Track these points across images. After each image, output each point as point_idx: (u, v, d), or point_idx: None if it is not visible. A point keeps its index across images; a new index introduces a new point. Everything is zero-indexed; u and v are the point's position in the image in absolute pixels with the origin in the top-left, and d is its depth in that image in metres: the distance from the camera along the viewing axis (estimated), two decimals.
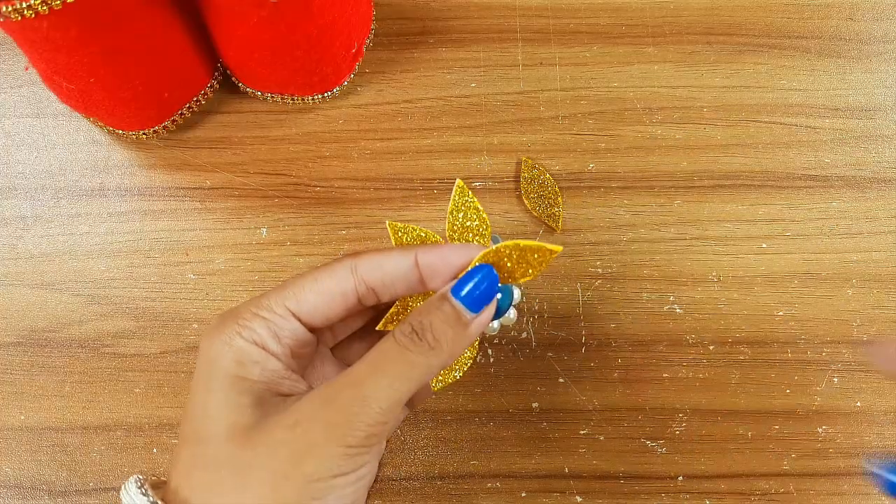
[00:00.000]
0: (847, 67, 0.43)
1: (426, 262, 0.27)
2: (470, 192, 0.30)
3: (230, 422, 0.25)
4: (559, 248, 0.27)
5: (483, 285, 0.27)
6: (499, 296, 0.28)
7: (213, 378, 0.26)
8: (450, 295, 0.27)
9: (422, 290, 0.28)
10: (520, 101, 0.42)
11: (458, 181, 0.30)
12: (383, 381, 0.25)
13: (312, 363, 0.30)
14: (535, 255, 0.27)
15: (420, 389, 0.27)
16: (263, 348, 0.26)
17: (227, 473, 0.24)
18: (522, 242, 0.27)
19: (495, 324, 0.30)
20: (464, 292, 0.26)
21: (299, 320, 0.27)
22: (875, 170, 0.42)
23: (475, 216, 0.30)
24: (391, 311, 0.30)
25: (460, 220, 0.30)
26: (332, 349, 0.32)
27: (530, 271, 0.28)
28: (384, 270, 0.27)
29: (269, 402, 0.26)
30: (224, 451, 0.25)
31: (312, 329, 0.28)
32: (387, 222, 0.31)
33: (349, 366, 0.30)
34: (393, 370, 0.25)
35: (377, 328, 0.30)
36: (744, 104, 0.42)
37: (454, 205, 0.30)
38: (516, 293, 0.30)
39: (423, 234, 0.31)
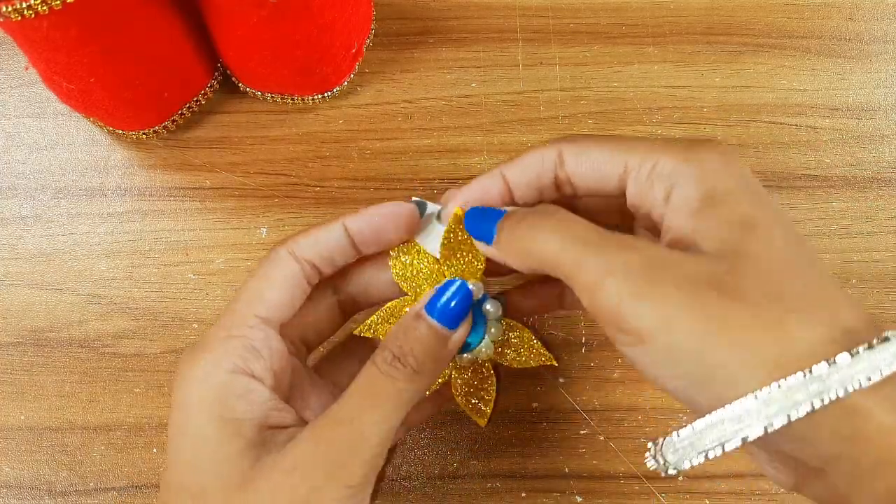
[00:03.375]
0: (847, 67, 0.43)
1: (355, 227, 0.28)
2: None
3: (222, 472, 0.24)
4: (553, 362, 0.30)
5: (456, 299, 0.27)
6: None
7: (196, 426, 0.25)
8: (424, 313, 0.26)
9: (356, 256, 0.29)
10: (520, 101, 0.42)
11: (458, 210, 0.29)
12: (375, 414, 0.24)
13: (297, 387, 0.29)
14: (523, 354, 0.30)
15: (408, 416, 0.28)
16: (248, 373, 0.25)
17: None
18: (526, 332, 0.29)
19: (466, 356, 0.30)
20: (438, 308, 0.26)
21: (270, 325, 0.26)
22: (875, 170, 0.42)
23: (467, 250, 0.30)
24: (372, 318, 0.30)
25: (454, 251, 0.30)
26: (314, 369, 0.31)
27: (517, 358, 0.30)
28: (319, 244, 0.27)
29: (260, 439, 0.25)
30: (225, 501, 0.24)
31: (285, 336, 0.27)
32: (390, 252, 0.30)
33: (335, 383, 0.30)
34: (382, 401, 0.25)
35: (355, 332, 0.30)
36: (744, 104, 0.42)
37: (449, 232, 0.30)
38: (494, 328, 0.30)
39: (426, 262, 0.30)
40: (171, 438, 0.25)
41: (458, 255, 0.30)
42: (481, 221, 0.27)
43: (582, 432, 0.38)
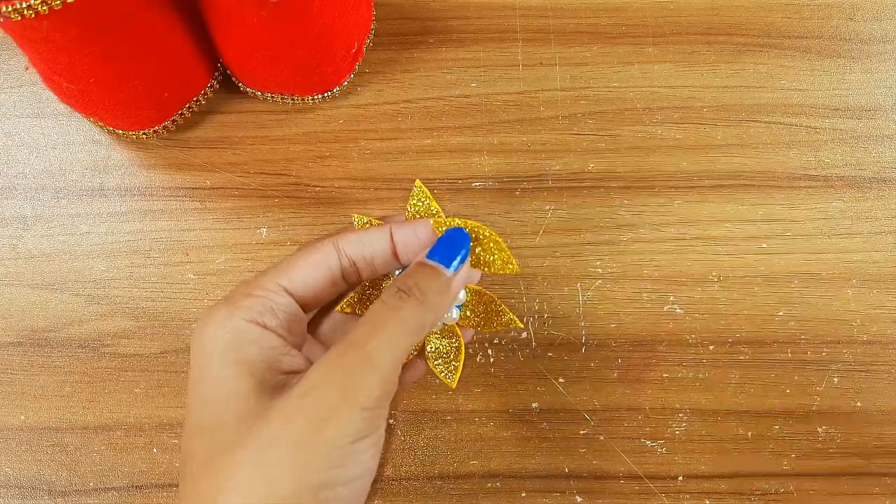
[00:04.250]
0: (847, 67, 0.43)
1: (400, 235, 0.29)
2: (428, 194, 0.31)
3: (237, 408, 0.25)
4: (518, 270, 0.30)
5: (454, 242, 0.29)
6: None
7: (211, 364, 0.26)
8: (425, 258, 0.28)
9: (395, 264, 0.30)
10: (520, 101, 0.42)
11: (417, 182, 0.32)
12: (383, 339, 0.25)
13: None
14: (496, 255, 0.30)
15: (413, 369, 0.31)
16: (261, 325, 0.26)
17: (248, 452, 0.24)
18: (496, 236, 0.30)
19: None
20: (439, 252, 0.28)
21: (292, 297, 0.28)
22: (875, 170, 0.42)
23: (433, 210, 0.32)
24: (350, 294, 0.32)
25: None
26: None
27: (489, 259, 0.30)
28: (364, 244, 0.29)
29: (273, 382, 0.26)
30: (240, 433, 0.24)
31: (304, 308, 0.28)
32: (353, 215, 0.32)
33: (323, 343, 0.31)
34: (390, 328, 0.26)
35: (336, 309, 0.32)
36: (744, 104, 0.42)
37: (412, 206, 0.32)
38: (462, 294, 0.32)
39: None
40: (190, 383, 0.26)
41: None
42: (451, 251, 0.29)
43: (582, 432, 0.38)
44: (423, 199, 0.31)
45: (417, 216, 0.31)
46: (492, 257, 0.30)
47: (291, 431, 0.24)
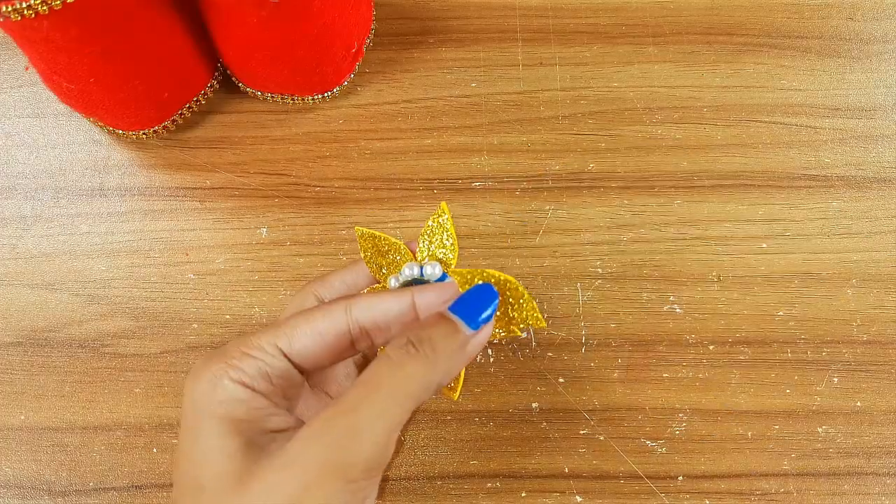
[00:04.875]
0: (847, 67, 0.43)
1: (424, 303, 0.26)
2: (450, 220, 0.30)
3: (221, 469, 0.24)
4: (544, 324, 0.28)
5: (482, 298, 0.26)
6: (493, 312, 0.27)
7: (199, 421, 0.25)
8: (447, 311, 0.26)
9: None
10: (520, 101, 0.42)
11: (444, 204, 0.30)
12: (377, 406, 0.23)
13: (297, 398, 0.28)
14: (524, 313, 0.28)
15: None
16: (250, 388, 0.25)
17: None
18: (523, 289, 0.28)
19: (425, 270, 0.29)
20: (463, 308, 0.26)
21: (290, 361, 0.26)
22: (875, 170, 0.42)
23: (448, 242, 0.30)
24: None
25: (433, 242, 0.30)
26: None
27: (516, 317, 0.29)
28: (379, 312, 0.26)
29: (259, 441, 0.24)
30: (220, 499, 0.23)
31: (302, 371, 0.27)
32: (355, 228, 0.30)
33: (328, 395, 0.29)
34: (387, 390, 0.24)
35: None
36: (744, 104, 0.42)
37: (430, 228, 0.30)
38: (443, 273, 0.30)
39: (394, 245, 0.30)
40: (179, 436, 0.25)
41: (384, 261, 0.30)
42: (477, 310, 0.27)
43: (582, 432, 0.38)
44: (442, 226, 0.30)
45: (431, 239, 0.30)
46: (519, 314, 0.28)
47: None
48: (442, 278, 0.29)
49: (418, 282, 0.30)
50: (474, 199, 0.41)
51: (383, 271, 0.30)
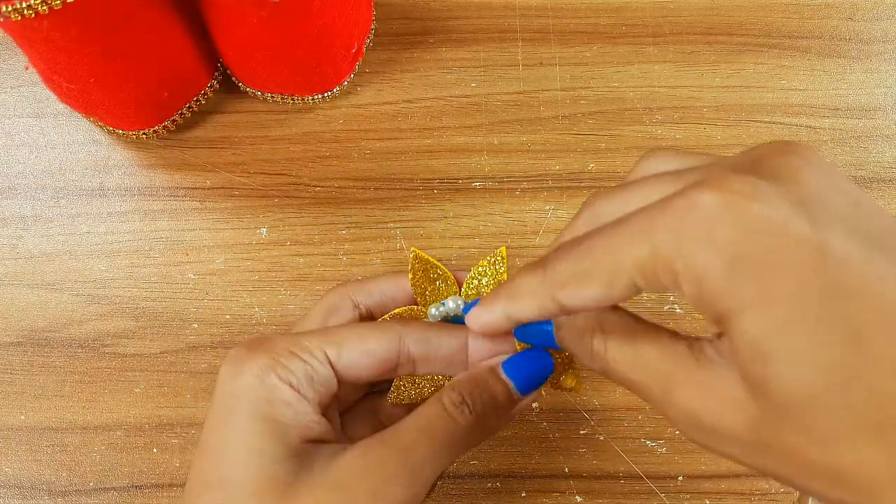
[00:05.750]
0: (847, 67, 0.43)
1: (477, 351, 0.27)
2: (505, 266, 0.30)
3: (259, 472, 0.23)
4: (580, 389, 0.30)
5: (538, 365, 0.27)
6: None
7: (240, 415, 0.24)
8: (501, 370, 0.26)
9: (463, 371, 0.28)
10: (520, 101, 0.42)
11: (503, 249, 0.30)
12: (432, 448, 0.24)
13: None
14: (568, 379, 0.29)
15: None
16: (296, 390, 0.25)
17: None
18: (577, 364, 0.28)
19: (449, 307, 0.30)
20: (517, 372, 0.26)
21: (335, 372, 0.26)
22: (875, 170, 0.42)
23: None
24: (396, 383, 0.30)
25: (482, 284, 0.30)
26: None
27: (559, 381, 0.29)
28: (432, 346, 0.27)
29: (299, 450, 0.24)
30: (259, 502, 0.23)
31: (341, 383, 0.27)
32: (412, 250, 0.30)
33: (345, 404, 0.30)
34: (441, 438, 0.25)
35: (389, 402, 0.30)
36: (744, 104, 0.42)
37: (484, 269, 0.30)
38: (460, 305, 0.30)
39: (443, 276, 0.31)
40: (206, 429, 0.24)
41: (430, 287, 0.30)
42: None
43: (582, 432, 0.38)
44: (497, 271, 0.30)
45: (480, 280, 0.30)
46: (562, 378, 0.29)
47: None
48: (466, 310, 0.29)
49: (457, 318, 0.30)
50: (474, 199, 0.41)
51: (426, 296, 0.30)
